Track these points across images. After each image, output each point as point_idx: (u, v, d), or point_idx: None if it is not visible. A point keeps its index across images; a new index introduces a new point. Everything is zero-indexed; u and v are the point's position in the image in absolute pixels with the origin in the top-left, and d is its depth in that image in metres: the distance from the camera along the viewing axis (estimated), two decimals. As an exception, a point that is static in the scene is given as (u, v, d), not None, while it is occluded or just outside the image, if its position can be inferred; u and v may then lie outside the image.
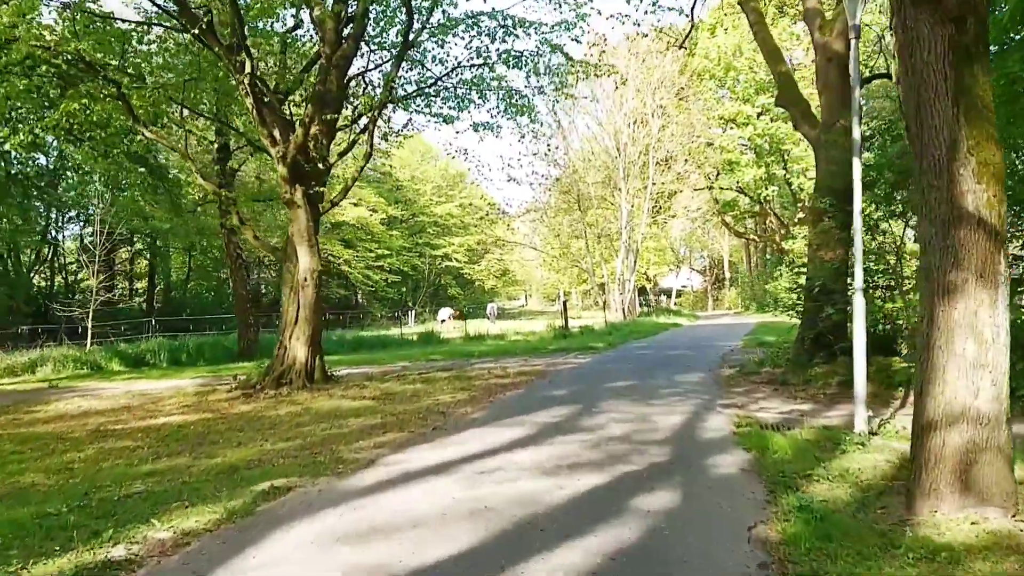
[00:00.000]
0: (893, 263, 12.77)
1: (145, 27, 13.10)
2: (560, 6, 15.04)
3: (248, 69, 11.94)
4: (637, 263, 37.46)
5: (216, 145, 22.27)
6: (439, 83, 15.44)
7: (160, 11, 13.23)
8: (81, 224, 44.89)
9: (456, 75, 15.40)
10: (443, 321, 43.98)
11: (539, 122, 17.08)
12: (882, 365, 11.70)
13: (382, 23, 14.71)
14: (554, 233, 36.21)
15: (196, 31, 11.58)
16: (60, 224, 45.29)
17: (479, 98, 16.27)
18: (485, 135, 17.19)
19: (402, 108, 16.55)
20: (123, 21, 12.93)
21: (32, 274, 43.51)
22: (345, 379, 14.38)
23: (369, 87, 16.28)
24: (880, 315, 12.29)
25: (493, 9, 14.56)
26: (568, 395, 11.37)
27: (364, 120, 15.22)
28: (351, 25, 13.49)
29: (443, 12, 14.41)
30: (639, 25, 16.45)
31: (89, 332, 29.98)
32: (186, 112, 15.16)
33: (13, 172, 26.13)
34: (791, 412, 9.89)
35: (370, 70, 15.99)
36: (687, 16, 17.02)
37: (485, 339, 27.51)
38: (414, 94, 15.49)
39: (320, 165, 13.43)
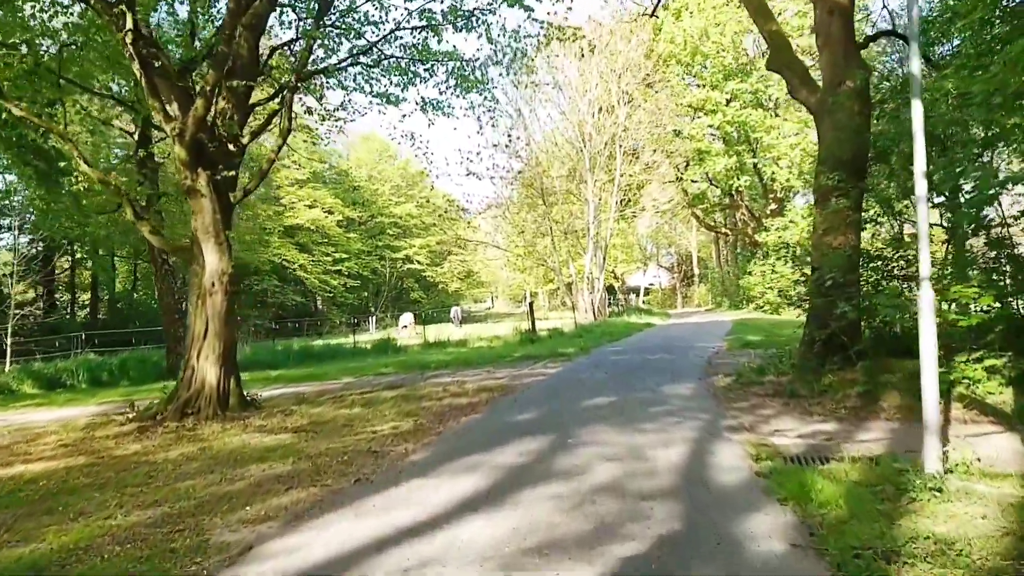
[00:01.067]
0: (915, 249, 10.84)
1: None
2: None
3: (129, 25, 9.60)
4: (606, 260, 35.47)
5: (136, 135, 19.79)
6: (375, 49, 13.19)
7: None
8: (14, 232, 41.83)
9: (396, 40, 13.18)
10: (404, 327, 41.69)
11: (495, 99, 14.90)
12: (908, 371, 9.75)
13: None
14: (518, 230, 34.01)
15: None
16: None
17: (425, 71, 14.09)
18: (435, 117, 14.95)
19: (336, 83, 14.28)
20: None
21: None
22: (270, 403, 12.06)
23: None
24: (903, 311, 10.31)
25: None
26: (537, 419, 9.21)
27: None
28: (265, -22, 11.22)
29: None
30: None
31: (8, 350, 27.25)
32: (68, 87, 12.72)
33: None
34: (813, 435, 7.89)
35: (298, 40, 13.68)
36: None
37: (446, 346, 25.26)
38: (346, 62, 13.21)
39: (231, 146, 11.12)
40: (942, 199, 11.33)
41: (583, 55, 20.74)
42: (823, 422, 8.60)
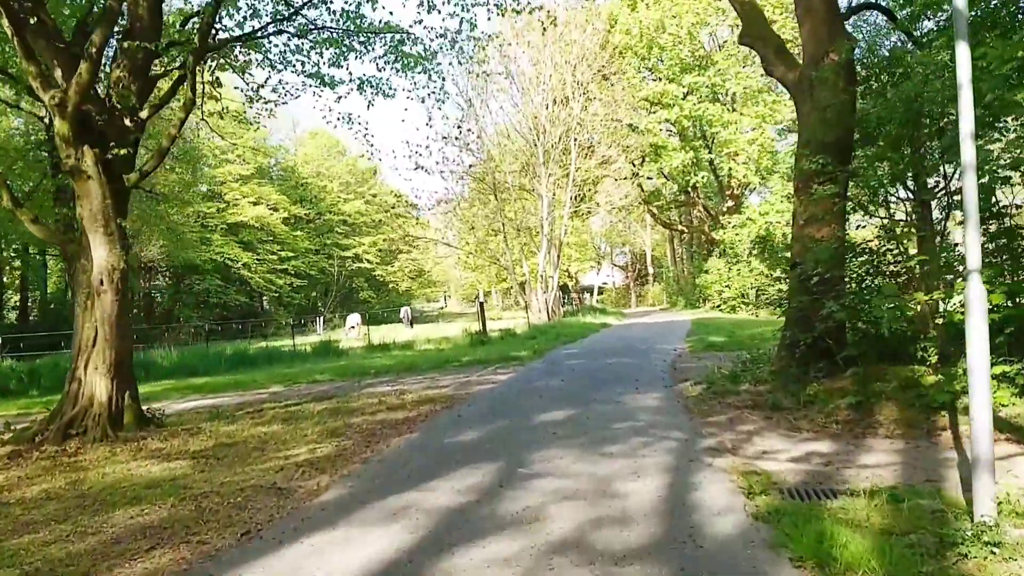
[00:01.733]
0: (905, 242, 9.72)
1: None
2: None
3: (-12, -33, 7.97)
4: (560, 258, 34.23)
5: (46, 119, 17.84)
6: (301, 16, 11.67)
7: None
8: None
9: (325, 5, 11.69)
10: (352, 328, 39.93)
11: (441, 77, 13.47)
12: (905, 379, 8.63)
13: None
14: (468, 226, 32.47)
15: None
16: None
17: (361, 44, 12.64)
18: (375, 98, 13.49)
19: (263, 59, 12.77)
20: None
21: None
22: (178, 420, 10.46)
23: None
24: (894, 313, 9.17)
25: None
26: (483, 440, 7.82)
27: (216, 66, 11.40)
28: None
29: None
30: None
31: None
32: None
33: None
34: (807, 457, 6.69)
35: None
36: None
37: (391, 349, 23.72)
38: (268, 28, 11.65)
39: (127, 121, 9.50)
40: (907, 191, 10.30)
41: (544, 30, 19.38)
42: (815, 440, 7.42)
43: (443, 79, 13.67)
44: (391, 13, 11.71)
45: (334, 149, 68.10)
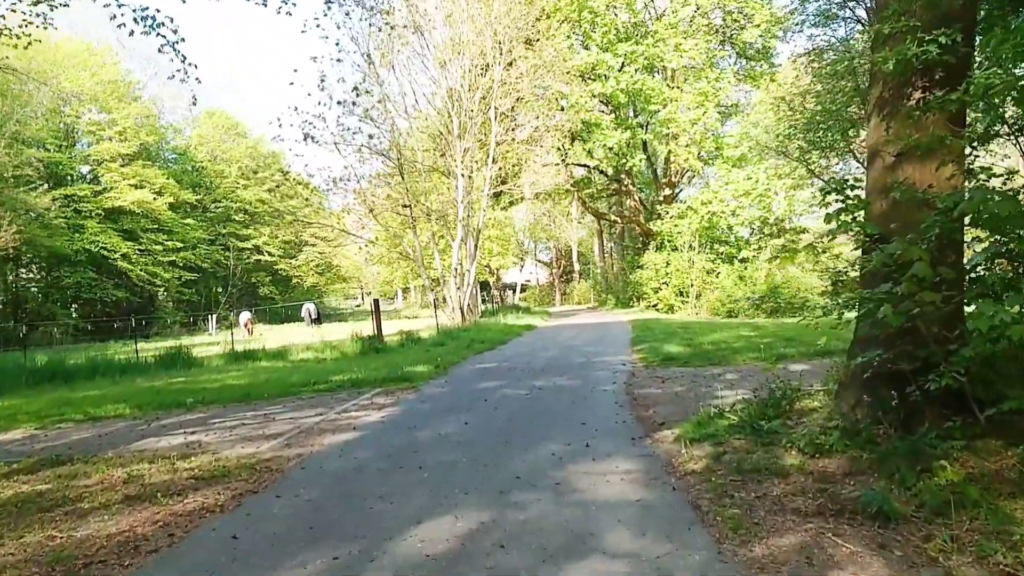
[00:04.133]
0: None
1: None
2: None
3: None
4: (479, 251, 29.45)
5: None
6: None
7: None
8: None
9: None
10: (245, 326, 34.85)
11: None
12: None
13: None
14: (367, 208, 27.19)
15: None
16: None
17: None
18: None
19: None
20: None
21: None
22: None
23: None
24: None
25: None
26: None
27: None
28: None
29: None
30: None
31: None
32: None
33: None
34: None
35: None
36: None
37: (257, 358, 18.47)
38: None
39: None
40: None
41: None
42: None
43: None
44: None
45: (233, 131, 61.63)
